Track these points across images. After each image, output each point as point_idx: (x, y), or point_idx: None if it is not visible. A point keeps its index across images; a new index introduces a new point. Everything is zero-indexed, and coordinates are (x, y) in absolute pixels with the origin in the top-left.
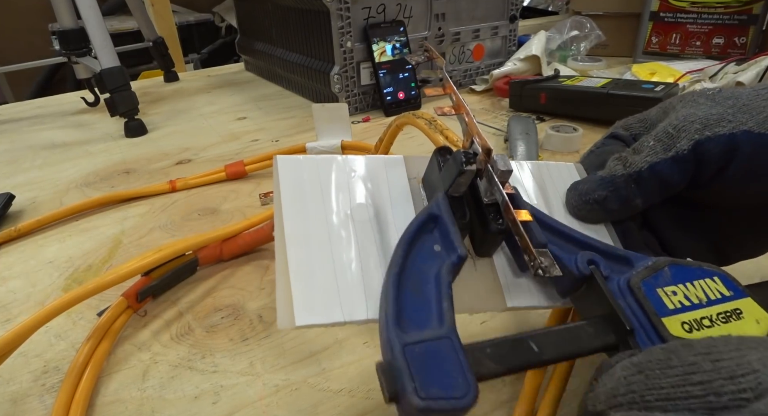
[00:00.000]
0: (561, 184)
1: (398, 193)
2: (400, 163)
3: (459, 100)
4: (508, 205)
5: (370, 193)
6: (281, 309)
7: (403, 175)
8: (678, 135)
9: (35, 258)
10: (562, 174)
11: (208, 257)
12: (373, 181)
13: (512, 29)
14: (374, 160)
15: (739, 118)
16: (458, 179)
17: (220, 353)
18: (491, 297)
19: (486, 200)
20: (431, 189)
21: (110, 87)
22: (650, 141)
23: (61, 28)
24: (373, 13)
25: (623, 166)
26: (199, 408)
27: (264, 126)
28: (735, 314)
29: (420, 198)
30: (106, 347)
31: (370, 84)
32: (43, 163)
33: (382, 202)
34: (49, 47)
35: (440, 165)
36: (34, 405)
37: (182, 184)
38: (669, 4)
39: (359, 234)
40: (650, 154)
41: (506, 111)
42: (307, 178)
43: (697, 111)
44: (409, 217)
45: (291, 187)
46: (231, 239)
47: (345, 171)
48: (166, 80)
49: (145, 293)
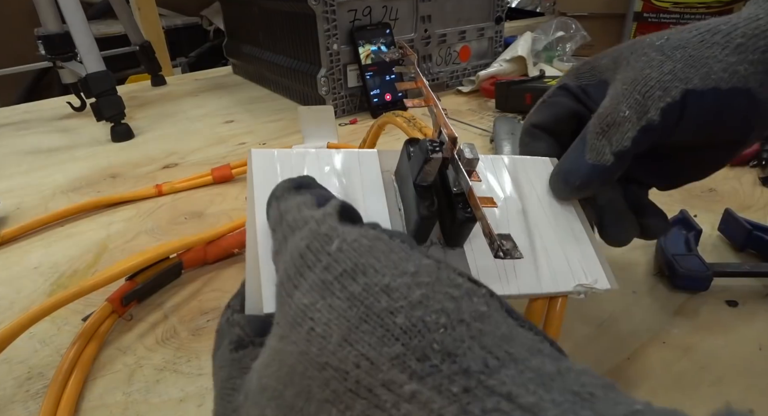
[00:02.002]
0: (536, 177)
1: (371, 186)
2: (373, 156)
3: (428, 93)
4: (472, 191)
5: (342, 186)
6: (249, 298)
7: (375, 168)
8: (645, 102)
9: (20, 264)
10: (537, 168)
11: (192, 260)
12: (346, 174)
13: (498, 30)
14: (348, 154)
15: (687, 74)
16: (425, 167)
17: (205, 356)
18: None
19: (455, 190)
20: (402, 180)
21: (96, 91)
22: (624, 110)
23: (46, 33)
24: (359, 16)
25: (610, 149)
26: (185, 412)
27: (251, 129)
28: None
29: (392, 190)
30: (91, 352)
31: (357, 86)
32: (29, 168)
33: (354, 195)
34: (35, 52)
35: (410, 156)
36: (18, 411)
37: (169, 188)
38: (652, 5)
39: None
40: (630, 129)
41: (492, 112)
42: (280, 170)
43: (652, 71)
44: (381, 209)
45: (263, 179)
46: (215, 242)
47: (319, 164)
48: (154, 84)
49: (130, 297)
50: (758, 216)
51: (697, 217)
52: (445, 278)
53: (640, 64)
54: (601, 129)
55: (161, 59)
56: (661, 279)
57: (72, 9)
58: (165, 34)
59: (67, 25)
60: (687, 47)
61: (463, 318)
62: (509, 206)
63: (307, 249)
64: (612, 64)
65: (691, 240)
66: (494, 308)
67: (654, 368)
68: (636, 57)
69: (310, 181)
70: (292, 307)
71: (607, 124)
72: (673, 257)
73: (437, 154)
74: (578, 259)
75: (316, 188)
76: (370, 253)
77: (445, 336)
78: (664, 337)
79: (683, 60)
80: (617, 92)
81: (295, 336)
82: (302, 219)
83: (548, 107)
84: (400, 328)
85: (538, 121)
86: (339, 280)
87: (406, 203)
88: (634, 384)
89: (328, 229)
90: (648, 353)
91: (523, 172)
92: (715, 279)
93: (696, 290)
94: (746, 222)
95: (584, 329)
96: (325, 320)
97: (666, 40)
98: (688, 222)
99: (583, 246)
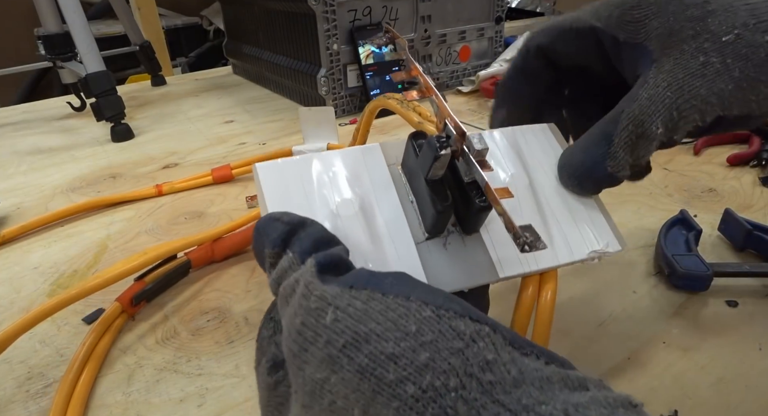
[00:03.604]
0: (537, 147)
1: (379, 181)
2: (377, 150)
3: (427, 83)
4: (488, 186)
5: (352, 187)
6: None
7: (381, 162)
8: (678, 123)
9: (20, 264)
10: (537, 137)
11: (200, 259)
12: (353, 173)
13: (498, 30)
14: (352, 152)
15: (733, 100)
16: (435, 164)
17: (205, 356)
18: (484, 270)
19: (466, 179)
20: (411, 173)
21: (96, 91)
22: (659, 125)
23: (46, 33)
24: (359, 16)
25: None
26: (185, 411)
27: (251, 129)
28: None
29: (402, 183)
30: (101, 351)
31: (357, 86)
32: (29, 168)
33: (365, 193)
34: (35, 52)
35: (416, 150)
36: (19, 411)
37: (169, 188)
38: None
39: (347, 230)
40: (654, 145)
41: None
42: (289, 180)
43: (702, 87)
44: (394, 204)
45: (274, 191)
46: (222, 239)
47: (325, 167)
48: (154, 84)
49: (140, 297)
50: (758, 216)
51: (697, 217)
52: (447, 330)
53: (695, 65)
54: (630, 141)
55: (161, 59)
56: (661, 279)
57: (72, 9)
58: (165, 34)
59: (67, 25)
60: (751, 60)
61: (472, 373)
62: (517, 183)
63: (303, 326)
64: (665, 35)
65: (691, 240)
66: (499, 346)
67: (654, 368)
68: (695, 49)
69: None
70: (308, 381)
71: (637, 135)
72: (673, 257)
73: (446, 150)
74: (588, 224)
75: (297, 232)
76: (368, 317)
77: (458, 399)
78: (664, 337)
79: (737, 80)
80: (658, 95)
81: (318, 408)
82: (289, 287)
83: (566, 39)
84: (413, 397)
85: (548, 46)
86: (344, 353)
87: (418, 196)
88: (634, 384)
89: (317, 301)
90: (648, 353)
91: (525, 143)
92: (715, 279)
93: (696, 290)
94: (746, 222)
95: (584, 329)
96: (343, 394)
97: (736, 36)
98: (688, 222)
99: (591, 210)
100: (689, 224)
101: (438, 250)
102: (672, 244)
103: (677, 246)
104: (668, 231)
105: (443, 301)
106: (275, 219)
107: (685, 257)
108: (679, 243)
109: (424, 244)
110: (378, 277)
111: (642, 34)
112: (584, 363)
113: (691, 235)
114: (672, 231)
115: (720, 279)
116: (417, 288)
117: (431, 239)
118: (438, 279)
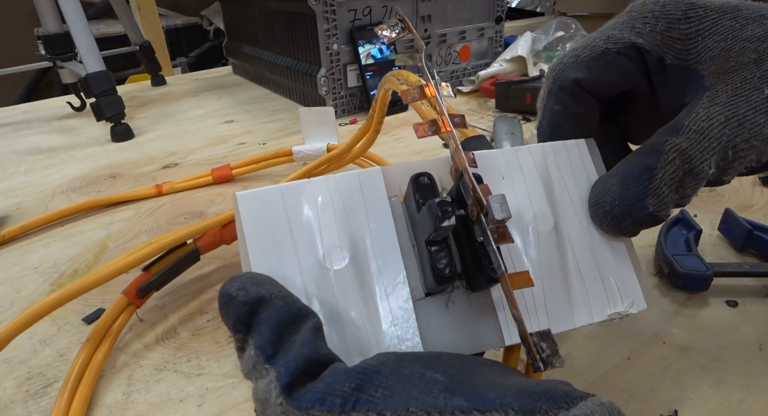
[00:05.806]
0: (568, 171)
1: (377, 219)
2: (377, 177)
3: (444, 119)
4: (505, 277)
5: (344, 226)
6: None
7: (381, 194)
8: (731, 164)
9: (20, 264)
10: (571, 156)
11: (209, 245)
12: (349, 205)
13: (498, 30)
14: (347, 179)
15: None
16: (435, 233)
17: (205, 356)
18: (488, 334)
19: (480, 238)
20: (413, 217)
21: (96, 91)
22: (711, 165)
23: (46, 33)
24: (359, 16)
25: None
26: (185, 411)
27: (251, 129)
28: None
29: (403, 220)
30: (106, 349)
31: (357, 86)
32: (29, 168)
33: (359, 234)
34: (35, 52)
35: (418, 203)
36: (19, 411)
37: (169, 188)
38: None
39: (335, 284)
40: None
41: (492, 111)
42: (274, 215)
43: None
44: (392, 249)
45: (256, 231)
46: (231, 223)
47: (314, 198)
48: (154, 84)
49: (147, 288)
50: (758, 216)
51: (697, 217)
52: None
53: (759, 99)
54: (677, 176)
55: (161, 59)
56: (661, 279)
57: (72, 9)
58: (165, 34)
59: (67, 25)
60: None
61: None
62: (540, 226)
63: None
64: (722, 58)
65: (691, 240)
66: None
67: (654, 368)
68: (759, 79)
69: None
70: None
71: (685, 171)
72: (673, 257)
73: (449, 221)
74: (615, 279)
75: (258, 312)
76: None
77: None
78: (664, 337)
79: None
80: (712, 130)
81: None
82: (262, 393)
83: (608, 66)
84: None
85: (588, 79)
86: None
87: (420, 246)
88: (634, 384)
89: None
90: (648, 353)
91: (555, 167)
92: (715, 279)
93: (696, 290)
94: (746, 222)
95: (584, 329)
96: None
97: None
98: (688, 222)
99: (620, 259)
100: (689, 224)
101: (439, 310)
102: (672, 244)
103: (677, 246)
104: (668, 231)
105: (445, 403)
106: (232, 298)
107: (685, 257)
108: (679, 243)
109: (423, 301)
110: (364, 384)
111: (693, 55)
112: (584, 363)
113: (691, 235)
114: (672, 231)
115: (720, 279)
116: (413, 387)
117: (432, 295)
118: (435, 345)
